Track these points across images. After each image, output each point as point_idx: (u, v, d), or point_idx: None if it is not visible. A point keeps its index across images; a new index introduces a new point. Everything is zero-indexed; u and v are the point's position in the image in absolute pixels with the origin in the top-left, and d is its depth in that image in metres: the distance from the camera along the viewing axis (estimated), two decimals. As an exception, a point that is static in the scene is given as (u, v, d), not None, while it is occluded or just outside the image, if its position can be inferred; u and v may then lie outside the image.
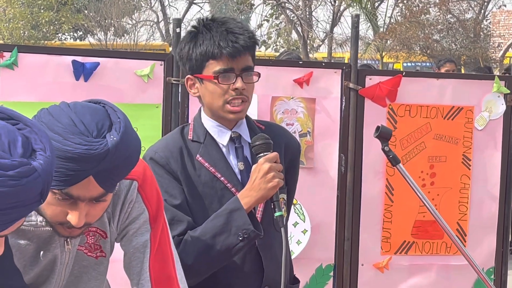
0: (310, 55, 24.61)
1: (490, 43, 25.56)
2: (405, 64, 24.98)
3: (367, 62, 19.64)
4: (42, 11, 28.16)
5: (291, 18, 24.59)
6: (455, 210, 4.01)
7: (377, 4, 25.63)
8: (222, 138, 2.50)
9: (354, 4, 23.75)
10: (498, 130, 4.05)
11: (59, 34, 31.22)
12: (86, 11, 29.68)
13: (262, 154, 2.38)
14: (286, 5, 24.61)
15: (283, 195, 2.44)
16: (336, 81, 3.87)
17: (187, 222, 2.41)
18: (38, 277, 2.01)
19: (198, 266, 2.38)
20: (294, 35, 26.19)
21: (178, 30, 3.66)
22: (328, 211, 3.89)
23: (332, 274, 3.92)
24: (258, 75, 2.50)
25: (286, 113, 3.80)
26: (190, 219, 2.42)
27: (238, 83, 2.42)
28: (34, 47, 4.92)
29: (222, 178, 2.46)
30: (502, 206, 4.07)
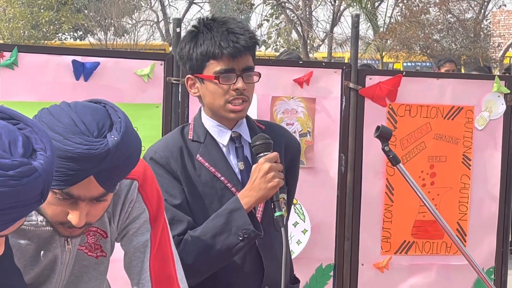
0: (310, 55, 24.60)
1: (490, 43, 25.55)
2: (405, 64, 24.97)
3: (367, 62, 19.64)
4: (42, 11, 28.15)
5: (291, 18, 24.58)
6: (455, 210, 4.01)
7: (377, 4, 25.63)
8: (222, 138, 2.50)
9: (354, 4, 23.75)
10: (498, 130, 4.05)
11: (59, 34, 31.22)
12: (86, 11, 29.68)
13: (262, 154, 2.38)
14: (286, 5, 24.60)
15: (283, 195, 2.44)
16: (336, 81, 3.87)
17: (187, 222, 2.41)
18: (39, 276, 2.01)
19: (198, 266, 2.38)
20: (294, 35, 26.19)
21: (178, 30, 3.66)
22: (328, 211, 3.89)
23: (332, 274, 3.92)
24: (259, 75, 2.49)
25: (286, 113, 3.80)
26: (190, 219, 2.42)
27: (239, 83, 2.42)
28: (34, 47, 4.92)
29: (222, 178, 2.46)
30: (502, 206, 4.07)
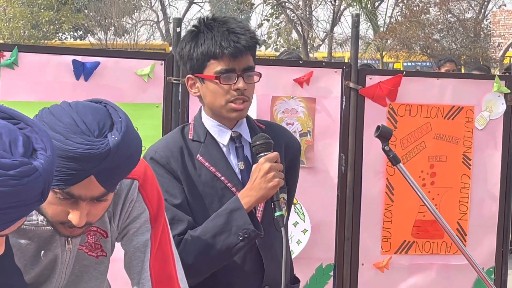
0: (310, 55, 24.60)
1: (490, 43, 25.55)
2: (405, 63, 24.97)
3: (367, 61, 19.64)
4: (42, 11, 28.16)
5: (291, 18, 24.59)
6: (455, 210, 4.01)
7: (377, 3, 25.63)
8: (223, 137, 2.50)
9: (354, 3, 23.75)
10: (498, 129, 4.05)
11: (59, 34, 31.23)
12: (86, 11, 29.69)
13: (262, 154, 2.38)
14: (286, 4, 24.61)
15: (284, 195, 2.44)
16: (336, 80, 3.87)
17: (188, 221, 2.41)
18: (39, 276, 2.00)
19: (199, 266, 2.38)
20: (294, 35, 26.19)
21: (178, 29, 3.66)
22: (328, 211, 3.88)
23: (332, 273, 3.92)
24: (259, 75, 2.49)
25: (286, 112, 3.80)
26: (190, 219, 2.42)
27: (240, 83, 2.42)
28: (34, 47, 4.93)
29: (223, 178, 2.46)
30: (502, 206, 4.07)
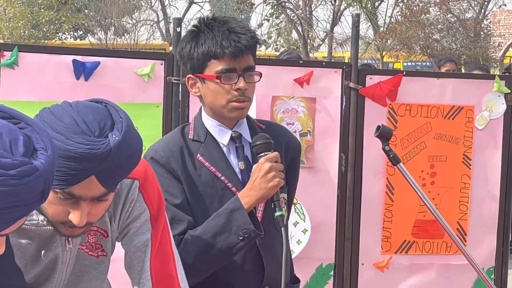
0: (310, 55, 24.61)
1: (490, 43, 25.56)
2: (405, 63, 24.98)
3: (367, 61, 19.64)
4: (42, 11, 28.16)
5: (291, 18, 24.59)
6: (456, 210, 4.01)
7: (377, 3, 25.64)
8: (223, 137, 2.50)
9: (354, 3, 23.75)
10: (499, 129, 4.05)
11: (59, 34, 31.24)
12: (86, 11, 29.69)
13: (262, 154, 2.38)
14: (286, 4, 24.61)
15: (284, 195, 2.44)
16: (336, 80, 3.87)
17: (188, 221, 2.41)
18: (39, 276, 2.00)
19: (199, 265, 2.38)
20: (295, 35, 26.20)
21: (178, 29, 3.66)
22: (328, 211, 3.88)
23: (332, 273, 3.92)
24: (260, 75, 2.49)
25: (286, 112, 3.80)
26: (190, 219, 2.42)
27: (241, 83, 2.42)
28: (34, 47, 4.93)
29: (223, 178, 2.46)
30: (503, 206, 4.07)
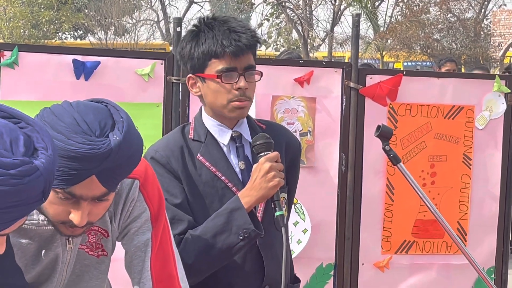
0: (311, 54, 24.61)
1: (491, 43, 25.57)
2: (405, 63, 24.98)
3: (368, 61, 19.64)
4: (43, 10, 28.16)
5: (292, 18, 24.59)
6: (456, 210, 4.01)
7: (377, 3, 25.64)
8: (223, 137, 2.49)
9: (355, 3, 23.76)
10: (499, 129, 4.05)
11: (60, 33, 31.24)
12: (86, 10, 29.69)
13: (263, 154, 2.37)
14: (287, 4, 24.61)
15: (284, 195, 2.43)
16: (336, 80, 3.87)
17: (188, 221, 2.41)
18: (40, 276, 2.00)
19: (199, 265, 2.38)
20: (295, 34, 26.21)
21: (178, 29, 3.66)
22: (328, 211, 3.88)
23: (332, 273, 3.92)
24: (260, 74, 2.48)
25: (286, 112, 3.80)
26: (190, 218, 2.42)
27: (241, 82, 2.42)
28: (34, 46, 4.93)
29: (223, 178, 2.46)
30: (503, 206, 4.07)
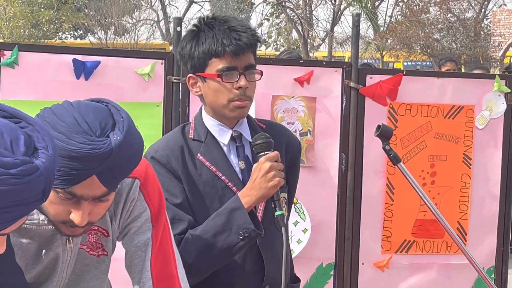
0: (310, 54, 24.61)
1: (491, 42, 25.57)
2: (405, 63, 24.98)
3: (367, 61, 19.64)
4: (43, 10, 28.16)
5: (292, 17, 24.59)
6: (456, 209, 4.01)
7: (377, 3, 25.64)
8: (223, 137, 2.49)
9: (355, 3, 23.76)
10: (499, 129, 4.05)
11: (59, 33, 31.24)
12: (86, 10, 29.69)
13: (263, 153, 2.37)
14: (287, 4, 24.61)
15: (284, 194, 2.43)
16: (336, 80, 3.87)
17: (188, 221, 2.41)
18: (40, 275, 2.00)
19: (199, 265, 2.38)
20: (295, 34, 26.20)
21: (178, 28, 3.66)
22: (328, 210, 3.88)
23: (332, 273, 3.92)
24: (261, 73, 2.48)
25: (286, 112, 3.80)
26: (191, 218, 2.42)
27: (242, 81, 2.41)
28: (34, 46, 4.92)
29: (223, 177, 2.46)
30: (503, 205, 4.07)
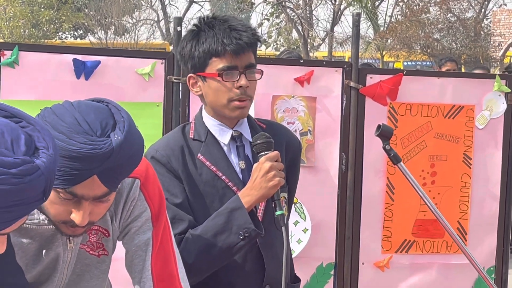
0: (311, 54, 24.61)
1: (491, 42, 25.57)
2: (405, 63, 24.98)
3: (368, 61, 19.64)
4: (43, 10, 28.15)
5: (292, 17, 24.59)
6: (456, 209, 4.01)
7: (377, 3, 25.64)
8: (223, 137, 2.49)
9: (355, 3, 23.76)
10: (499, 129, 4.05)
11: (60, 33, 31.23)
12: (86, 10, 29.69)
13: (263, 153, 2.37)
14: (287, 4, 24.61)
15: (284, 194, 2.43)
16: (337, 79, 3.87)
17: (188, 220, 2.41)
18: (40, 275, 2.00)
19: (199, 265, 2.38)
20: (295, 34, 26.21)
21: (179, 28, 3.67)
22: (328, 210, 3.89)
23: (332, 273, 3.92)
24: (261, 73, 2.48)
25: (287, 111, 3.80)
26: (191, 218, 2.42)
27: (242, 81, 2.41)
28: (35, 46, 4.92)
29: (223, 177, 2.46)
30: (503, 205, 4.07)
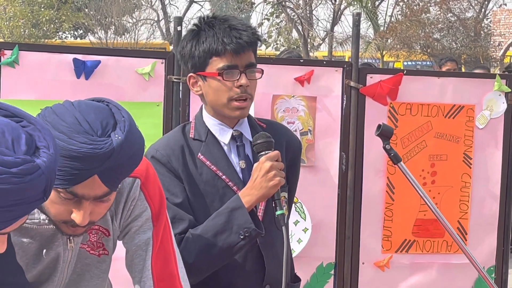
0: (311, 54, 24.62)
1: (491, 42, 25.57)
2: (405, 63, 24.98)
3: (368, 60, 19.65)
4: (43, 10, 28.16)
5: (292, 17, 24.60)
6: (456, 209, 4.01)
7: (377, 2, 25.64)
8: (224, 136, 2.49)
9: (355, 2, 23.77)
10: (499, 128, 4.05)
11: (60, 33, 31.24)
12: (86, 10, 29.70)
13: (263, 153, 2.37)
14: (287, 3, 24.62)
15: (284, 194, 2.43)
16: (337, 79, 3.87)
17: (189, 220, 2.41)
18: (41, 275, 2.00)
19: (199, 264, 2.38)
20: (295, 34, 26.21)
21: (179, 28, 3.67)
22: (329, 210, 3.89)
23: (333, 272, 3.92)
24: (261, 72, 2.48)
25: (287, 111, 3.80)
26: (191, 218, 2.42)
27: (243, 80, 2.41)
28: (35, 45, 4.93)
29: (224, 177, 2.46)
30: (503, 205, 4.07)
